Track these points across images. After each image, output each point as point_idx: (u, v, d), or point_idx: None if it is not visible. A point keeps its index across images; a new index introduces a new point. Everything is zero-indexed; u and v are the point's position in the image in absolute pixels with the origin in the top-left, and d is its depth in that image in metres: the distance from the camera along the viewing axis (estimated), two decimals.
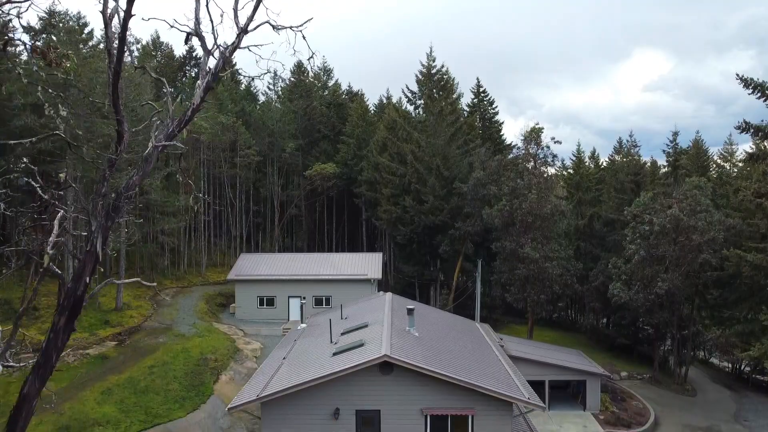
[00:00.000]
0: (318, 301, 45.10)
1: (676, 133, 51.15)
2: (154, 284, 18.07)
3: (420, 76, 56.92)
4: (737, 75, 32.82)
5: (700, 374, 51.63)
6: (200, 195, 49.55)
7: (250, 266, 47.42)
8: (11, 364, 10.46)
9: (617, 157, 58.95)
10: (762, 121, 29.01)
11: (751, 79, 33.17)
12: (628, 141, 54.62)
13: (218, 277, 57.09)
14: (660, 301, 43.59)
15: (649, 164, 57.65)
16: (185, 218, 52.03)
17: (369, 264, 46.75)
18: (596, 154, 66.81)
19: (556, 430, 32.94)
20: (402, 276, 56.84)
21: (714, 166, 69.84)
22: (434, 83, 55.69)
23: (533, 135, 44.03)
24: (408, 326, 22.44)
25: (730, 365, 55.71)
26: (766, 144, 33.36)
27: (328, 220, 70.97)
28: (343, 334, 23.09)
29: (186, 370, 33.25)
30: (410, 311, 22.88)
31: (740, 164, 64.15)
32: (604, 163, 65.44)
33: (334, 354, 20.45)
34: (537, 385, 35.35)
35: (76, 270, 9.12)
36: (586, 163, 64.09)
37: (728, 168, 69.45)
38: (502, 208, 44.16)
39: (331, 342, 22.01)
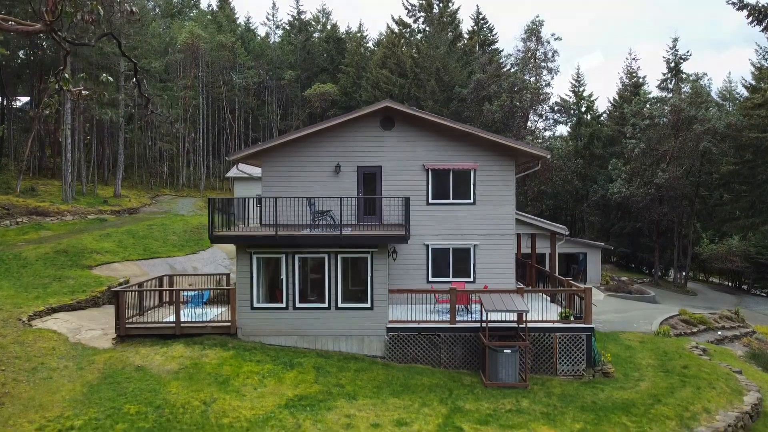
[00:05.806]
0: None
1: (676, 39, 50.75)
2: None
3: None
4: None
5: (700, 286, 51.60)
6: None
7: (249, 167, 47.11)
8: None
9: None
10: None
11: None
12: (627, 58, 54.37)
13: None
14: (660, 195, 43.41)
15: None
16: (184, 111, 51.68)
17: None
18: (595, 106, 64.63)
19: None
20: None
21: (714, 105, 69.36)
22: None
23: (534, 28, 43.71)
24: None
25: (729, 282, 55.70)
26: None
27: None
28: None
29: (185, 229, 33.08)
30: None
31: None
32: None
33: None
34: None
35: None
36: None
37: (728, 106, 69.18)
38: (503, 103, 43.92)
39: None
